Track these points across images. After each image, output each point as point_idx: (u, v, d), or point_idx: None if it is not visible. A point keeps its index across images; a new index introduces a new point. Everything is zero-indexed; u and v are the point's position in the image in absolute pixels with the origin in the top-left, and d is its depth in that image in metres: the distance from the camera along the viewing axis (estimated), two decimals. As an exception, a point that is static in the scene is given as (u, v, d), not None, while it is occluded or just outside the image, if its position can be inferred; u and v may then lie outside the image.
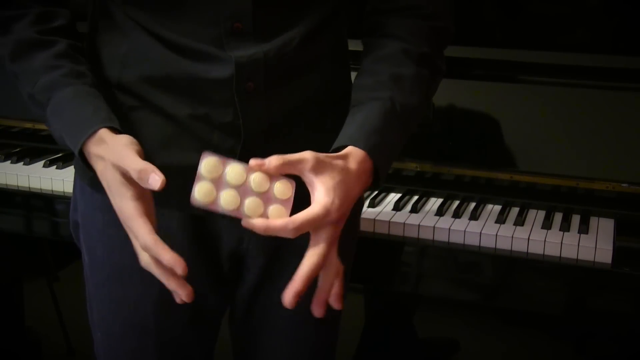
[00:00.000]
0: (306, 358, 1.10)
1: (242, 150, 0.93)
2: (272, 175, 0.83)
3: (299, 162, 0.82)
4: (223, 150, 0.93)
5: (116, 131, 0.86)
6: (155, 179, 0.80)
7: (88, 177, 1.00)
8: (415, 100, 0.95)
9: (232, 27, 0.89)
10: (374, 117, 0.91)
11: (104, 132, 0.85)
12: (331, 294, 0.87)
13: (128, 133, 0.90)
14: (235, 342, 1.14)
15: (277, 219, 0.81)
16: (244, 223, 0.81)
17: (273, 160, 0.81)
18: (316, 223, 0.82)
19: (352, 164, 0.87)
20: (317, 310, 0.87)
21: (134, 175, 0.81)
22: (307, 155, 0.82)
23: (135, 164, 0.81)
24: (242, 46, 0.90)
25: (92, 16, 0.98)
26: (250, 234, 0.99)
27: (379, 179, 0.91)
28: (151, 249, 0.81)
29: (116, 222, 0.98)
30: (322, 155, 0.84)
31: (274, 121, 0.94)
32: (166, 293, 1.00)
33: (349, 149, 0.88)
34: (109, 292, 1.02)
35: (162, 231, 0.97)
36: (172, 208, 0.96)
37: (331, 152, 0.89)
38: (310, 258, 0.83)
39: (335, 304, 0.88)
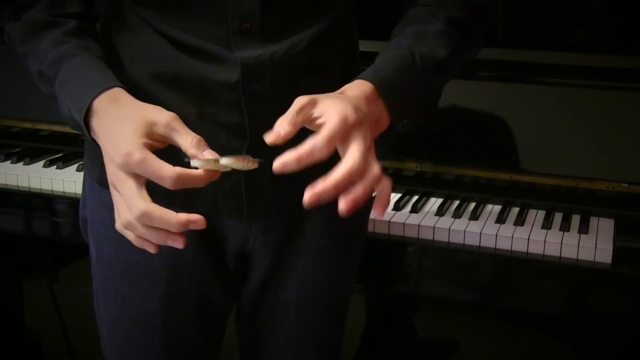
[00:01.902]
0: (310, 357, 1.10)
1: (247, 151, 0.92)
2: None
3: (300, 109, 0.78)
4: (229, 151, 0.92)
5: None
6: (210, 152, 0.78)
7: (96, 173, 1.00)
8: (440, 52, 0.91)
9: (240, 27, 0.89)
10: (385, 60, 0.88)
11: (117, 92, 0.84)
12: (377, 200, 0.79)
13: None
14: (242, 341, 1.14)
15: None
16: (276, 166, 0.75)
17: (283, 124, 0.76)
18: (338, 132, 0.76)
19: (350, 90, 0.84)
20: (342, 203, 0.76)
21: (189, 144, 0.77)
22: (301, 99, 0.79)
23: (189, 138, 0.78)
24: (250, 46, 0.90)
25: (104, 16, 0.99)
26: (256, 234, 0.99)
27: (393, 119, 0.87)
28: (183, 180, 0.77)
29: None
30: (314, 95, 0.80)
31: None
32: (172, 291, 1.01)
33: (348, 85, 0.86)
34: (115, 288, 1.02)
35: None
36: (176, 207, 0.96)
37: None
38: (347, 159, 0.76)
39: (377, 207, 0.79)
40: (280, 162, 0.74)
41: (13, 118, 1.77)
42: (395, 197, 1.45)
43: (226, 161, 0.78)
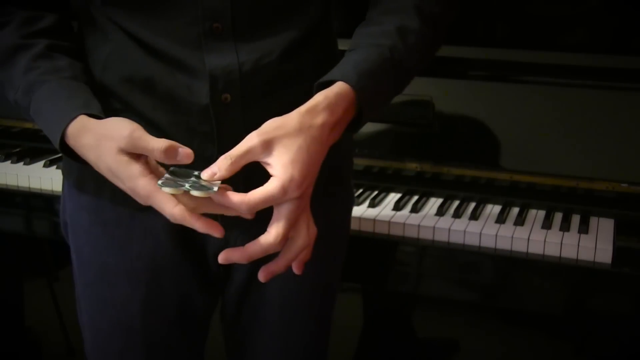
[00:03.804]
0: (296, 355, 1.10)
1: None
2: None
3: (247, 153, 0.79)
4: (202, 159, 0.91)
5: (96, 117, 0.84)
6: (185, 153, 0.79)
7: (73, 177, 1.00)
8: (414, 59, 0.92)
9: (211, 28, 0.88)
10: (370, 61, 0.87)
11: (83, 120, 0.83)
12: (297, 258, 0.84)
13: None
14: (228, 341, 1.14)
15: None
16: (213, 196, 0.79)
17: (222, 166, 0.78)
18: (273, 201, 0.79)
19: (320, 116, 0.82)
20: (262, 274, 0.84)
21: (158, 156, 0.78)
22: (253, 141, 0.79)
23: (158, 143, 0.78)
24: (221, 49, 0.88)
25: (78, 22, 0.98)
26: (237, 234, 0.99)
27: (359, 123, 0.88)
28: (182, 220, 0.79)
29: (102, 222, 0.98)
30: (268, 126, 0.80)
31: (252, 131, 0.90)
32: (153, 293, 1.01)
33: (323, 92, 0.84)
34: (96, 292, 1.02)
35: (147, 231, 0.97)
36: (149, 211, 0.95)
37: (316, 86, 0.86)
38: (267, 236, 0.80)
39: (295, 267, 0.85)
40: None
41: (13, 118, 1.77)
42: (395, 197, 1.45)
43: (197, 193, 0.78)
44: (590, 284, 1.25)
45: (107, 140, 0.80)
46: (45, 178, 1.56)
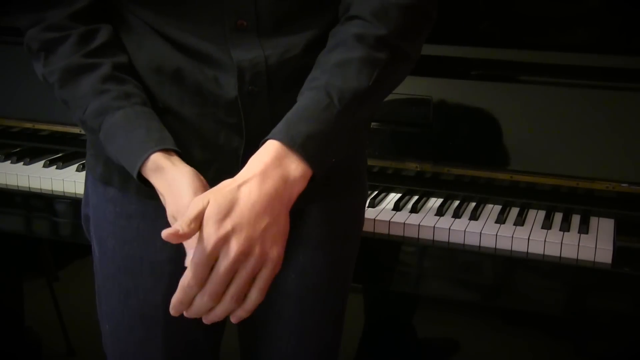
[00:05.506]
0: (311, 349, 1.10)
1: (245, 151, 0.94)
2: None
3: (197, 218, 0.80)
4: (228, 150, 0.94)
5: (171, 152, 0.87)
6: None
7: (98, 172, 1.01)
8: (361, 84, 0.87)
9: (236, 25, 0.91)
10: (299, 108, 0.86)
11: (158, 159, 0.86)
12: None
13: None
14: (241, 334, 1.15)
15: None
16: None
17: (184, 228, 0.80)
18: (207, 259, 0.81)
19: (245, 172, 0.83)
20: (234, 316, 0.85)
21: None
22: (196, 208, 0.81)
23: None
24: (246, 43, 0.91)
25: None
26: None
27: (315, 167, 0.85)
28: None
29: (127, 214, 1.00)
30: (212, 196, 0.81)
31: (278, 122, 0.94)
32: (176, 285, 1.01)
33: (256, 163, 0.84)
34: (119, 283, 1.03)
35: (163, 223, 0.98)
36: None
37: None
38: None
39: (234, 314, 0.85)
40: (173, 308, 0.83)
41: (13, 118, 1.77)
42: (395, 197, 1.45)
43: None
44: (591, 284, 1.25)
45: (172, 199, 0.86)
46: (45, 178, 1.56)
